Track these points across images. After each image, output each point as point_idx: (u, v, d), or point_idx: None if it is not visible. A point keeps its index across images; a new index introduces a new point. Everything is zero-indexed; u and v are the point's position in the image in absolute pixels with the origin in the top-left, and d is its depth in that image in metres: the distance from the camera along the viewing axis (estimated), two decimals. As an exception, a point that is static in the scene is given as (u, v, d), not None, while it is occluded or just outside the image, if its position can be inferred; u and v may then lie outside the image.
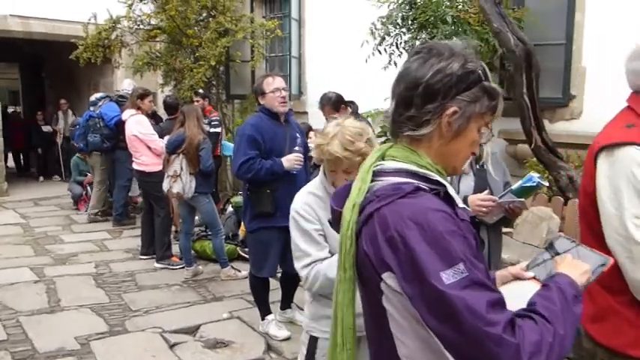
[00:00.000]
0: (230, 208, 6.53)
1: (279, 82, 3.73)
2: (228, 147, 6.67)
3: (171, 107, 6.34)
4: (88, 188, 8.32)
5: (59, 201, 9.36)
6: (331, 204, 1.35)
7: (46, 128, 11.84)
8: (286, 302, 4.17)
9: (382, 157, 1.25)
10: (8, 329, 3.94)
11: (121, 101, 7.26)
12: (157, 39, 8.44)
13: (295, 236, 2.08)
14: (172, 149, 5.10)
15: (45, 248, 6.29)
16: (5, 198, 9.46)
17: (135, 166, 5.87)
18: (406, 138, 1.21)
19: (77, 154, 8.55)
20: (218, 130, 6.77)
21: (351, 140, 1.96)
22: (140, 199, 8.28)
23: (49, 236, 6.89)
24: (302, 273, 2.05)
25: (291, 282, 4.06)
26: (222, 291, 4.92)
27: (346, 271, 1.22)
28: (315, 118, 6.19)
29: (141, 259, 5.89)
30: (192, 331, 4.06)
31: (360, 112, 5.43)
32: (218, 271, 5.36)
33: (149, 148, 5.77)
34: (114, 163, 7.45)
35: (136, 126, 5.81)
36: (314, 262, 2.02)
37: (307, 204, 2.08)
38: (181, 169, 5.03)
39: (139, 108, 5.99)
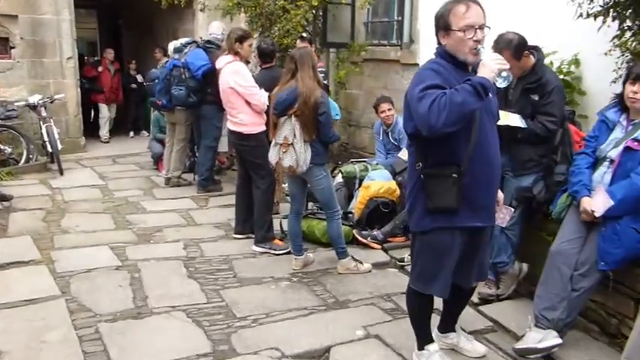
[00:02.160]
0: (339, 179, 5.38)
1: (475, 14, 2.36)
2: (333, 106, 5.48)
3: (266, 54, 5.10)
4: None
5: (137, 159, 8.64)
6: None
7: (140, 78, 10.86)
8: (449, 323, 3.02)
9: None
10: (85, 344, 3.01)
11: (208, 48, 6.21)
12: (247, -24, 7.30)
13: None
14: (282, 110, 3.96)
15: (126, 219, 5.43)
16: (83, 154, 8.81)
17: (230, 126, 4.78)
18: None
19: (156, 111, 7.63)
20: (325, 82, 5.58)
21: None
22: (226, 160, 7.41)
23: (129, 203, 6.06)
24: None
25: (463, 299, 2.92)
26: (345, 291, 3.85)
27: None
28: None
29: (235, 238, 4.92)
30: (319, 355, 3.02)
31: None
32: (333, 260, 4.30)
33: (248, 104, 4.67)
34: (199, 120, 6.48)
35: (234, 76, 4.65)
36: None
37: None
38: (294, 135, 3.90)
39: (236, 53, 4.79)
